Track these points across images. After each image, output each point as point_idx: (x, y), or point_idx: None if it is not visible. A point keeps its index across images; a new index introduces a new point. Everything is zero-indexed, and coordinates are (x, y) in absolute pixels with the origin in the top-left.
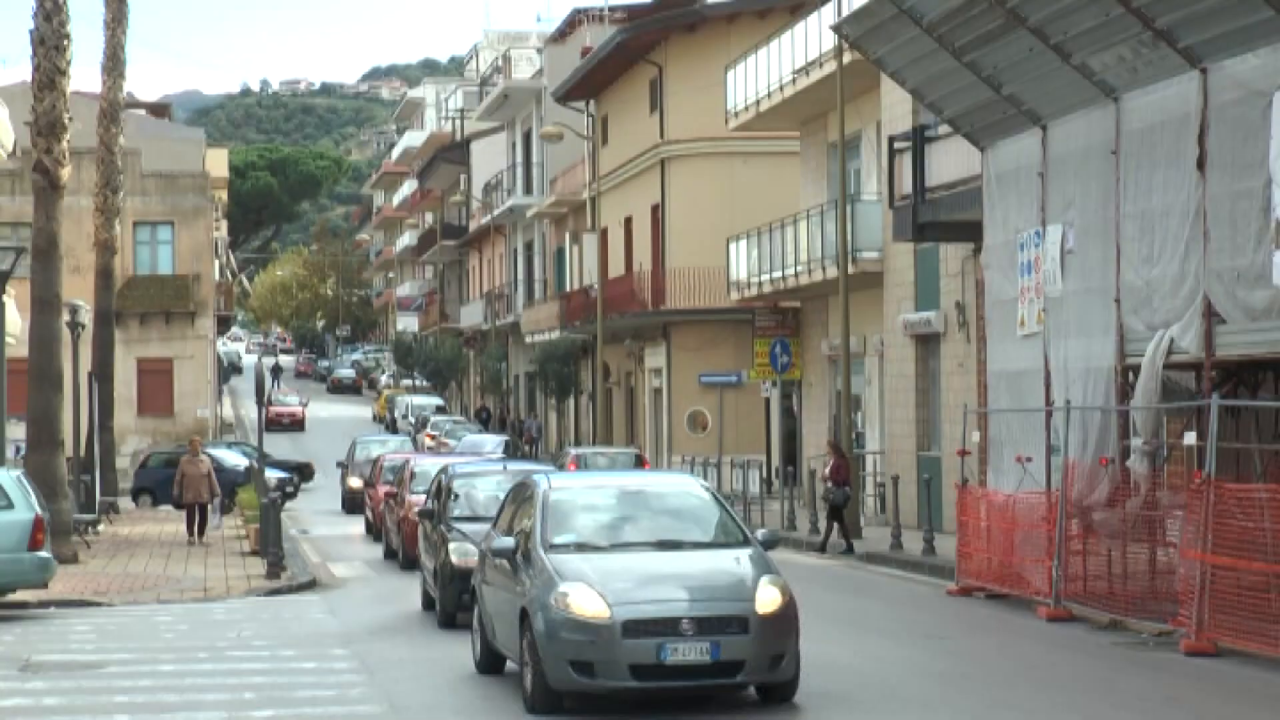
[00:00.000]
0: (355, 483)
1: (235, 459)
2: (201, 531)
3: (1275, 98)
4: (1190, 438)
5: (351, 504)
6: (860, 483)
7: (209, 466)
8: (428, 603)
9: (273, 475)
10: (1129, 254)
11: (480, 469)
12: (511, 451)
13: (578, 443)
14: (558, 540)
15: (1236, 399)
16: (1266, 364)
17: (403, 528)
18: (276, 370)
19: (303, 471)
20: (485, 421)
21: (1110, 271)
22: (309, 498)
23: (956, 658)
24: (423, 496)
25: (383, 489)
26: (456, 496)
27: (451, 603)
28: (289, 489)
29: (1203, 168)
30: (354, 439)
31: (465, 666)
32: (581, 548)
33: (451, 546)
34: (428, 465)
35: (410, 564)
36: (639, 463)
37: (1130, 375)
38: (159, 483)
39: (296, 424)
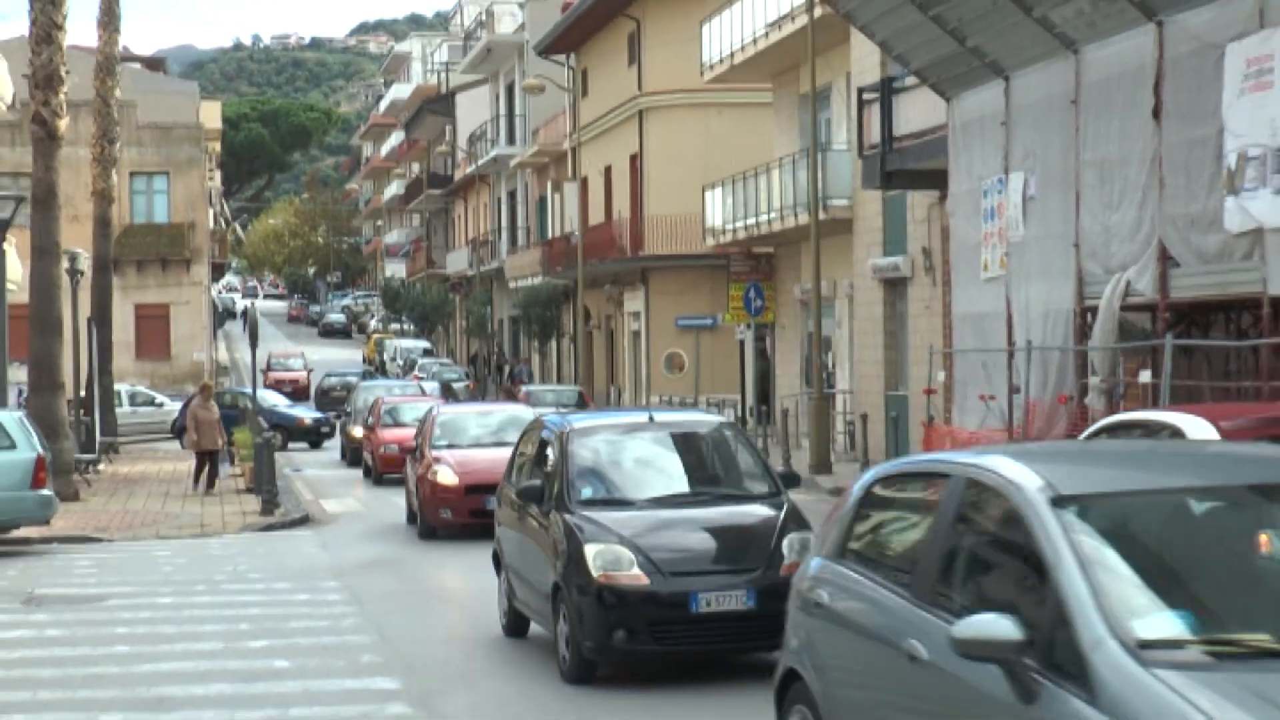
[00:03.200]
0: (357, 431)
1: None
2: (212, 483)
3: (1227, 49)
4: (1145, 376)
5: (354, 455)
6: (831, 421)
7: (218, 413)
8: (515, 626)
9: (309, 415)
10: (1088, 200)
11: (612, 421)
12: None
13: (560, 383)
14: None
15: (1189, 339)
16: (1217, 305)
17: (420, 488)
18: (244, 316)
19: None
20: (489, 368)
21: (1070, 217)
22: (299, 449)
23: None
24: (446, 451)
25: (383, 432)
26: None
27: (596, 643)
28: (324, 429)
29: (1158, 117)
30: (352, 384)
31: (453, 595)
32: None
33: (590, 551)
34: (450, 414)
35: (430, 533)
36: (581, 400)
37: (1088, 317)
38: None
39: (300, 392)
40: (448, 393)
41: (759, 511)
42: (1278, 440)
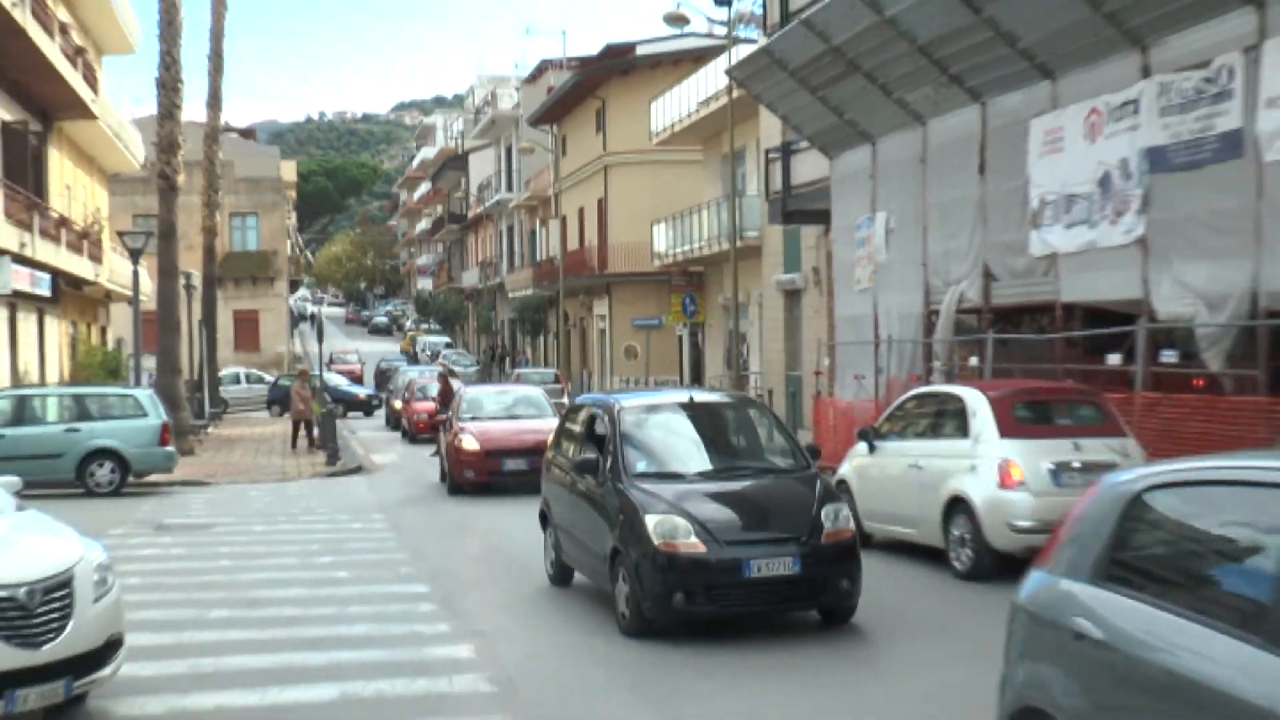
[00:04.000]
0: (398, 404)
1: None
2: (310, 442)
3: (1031, 124)
4: (974, 361)
5: (395, 422)
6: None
7: (310, 391)
8: (561, 576)
9: (363, 392)
10: (932, 233)
11: (657, 400)
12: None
13: (545, 367)
14: None
15: (1006, 334)
16: (1025, 309)
17: (449, 453)
18: (312, 319)
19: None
20: (493, 358)
21: (919, 245)
22: (356, 417)
23: None
24: (470, 423)
25: (416, 404)
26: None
27: (655, 604)
28: (375, 402)
29: (983, 173)
30: (396, 368)
31: (470, 528)
32: None
33: (650, 521)
34: (474, 393)
35: (457, 490)
36: (556, 379)
37: (933, 317)
38: (284, 397)
39: (356, 380)
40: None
41: (796, 483)
42: (1029, 405)
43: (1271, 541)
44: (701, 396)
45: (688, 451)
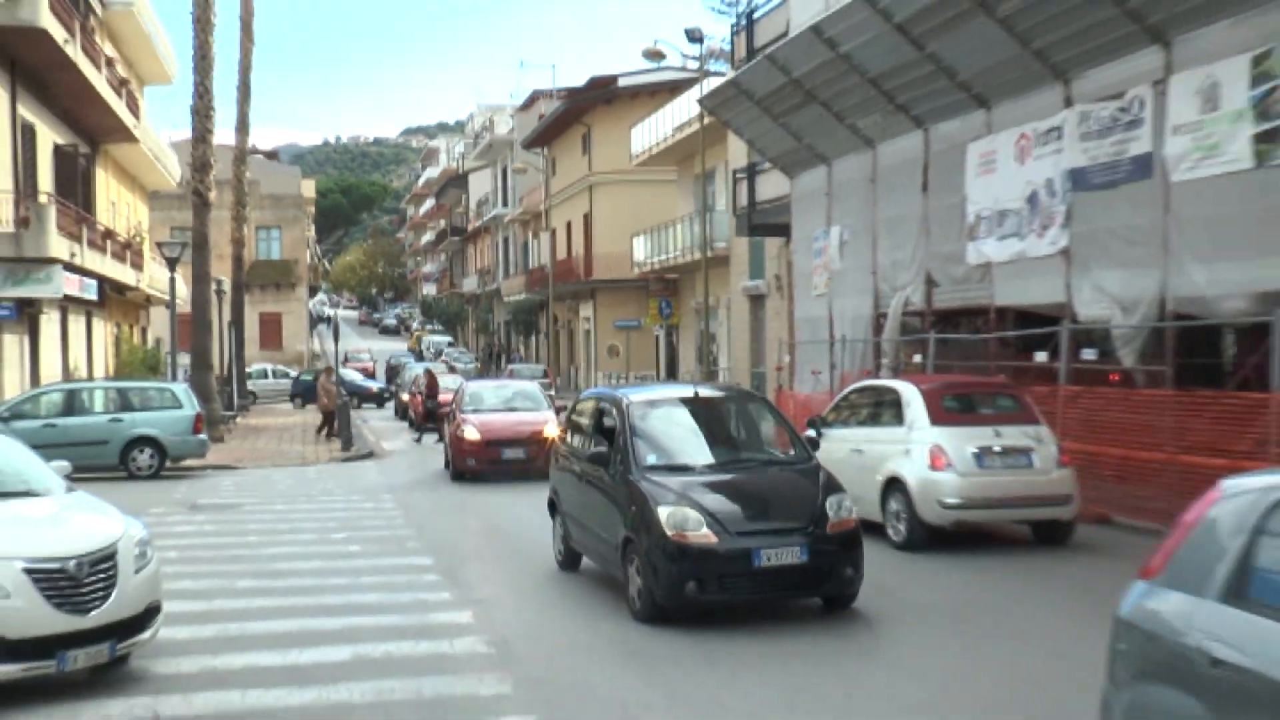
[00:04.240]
0: (405, 396)
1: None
2: (332, 432)
3: (968, 147)
4: (918, 358)
5: (403, 413)
6: None
7: (333, 385)
8: (569, 561)
9: (375, 385)
10: (881, 244)
11: (663, 394)
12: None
13: (535, 363)
14: None
15: (946, 334)
16: (963, 312)
17: (452, 442)
18: (329, 320)
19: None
20: (490, 355)
21: (870, 255)
22: (369, 408)
23: None
24: (472, 414)
25: (420, 397)
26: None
27: (668, 592)
28: (386, 395)
29: (926, 191)
30: (405, 364)
31: (470, 508)
32: None
33: (663, 513)
34: (475, 387)
35: (459, 476)
36: (545, 374)
37: (881, 319)
38: (306, 390)
39: (368, 377)
40: (452, 371)
41: (798, 474)
42: (956, 397)
43: None
44: (705, 391)
45: (694, 444)
